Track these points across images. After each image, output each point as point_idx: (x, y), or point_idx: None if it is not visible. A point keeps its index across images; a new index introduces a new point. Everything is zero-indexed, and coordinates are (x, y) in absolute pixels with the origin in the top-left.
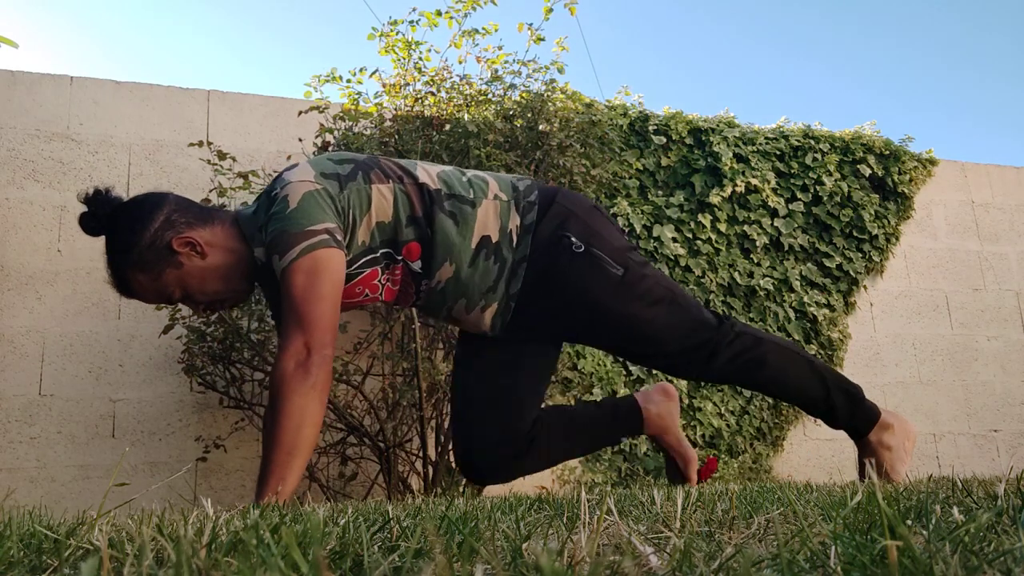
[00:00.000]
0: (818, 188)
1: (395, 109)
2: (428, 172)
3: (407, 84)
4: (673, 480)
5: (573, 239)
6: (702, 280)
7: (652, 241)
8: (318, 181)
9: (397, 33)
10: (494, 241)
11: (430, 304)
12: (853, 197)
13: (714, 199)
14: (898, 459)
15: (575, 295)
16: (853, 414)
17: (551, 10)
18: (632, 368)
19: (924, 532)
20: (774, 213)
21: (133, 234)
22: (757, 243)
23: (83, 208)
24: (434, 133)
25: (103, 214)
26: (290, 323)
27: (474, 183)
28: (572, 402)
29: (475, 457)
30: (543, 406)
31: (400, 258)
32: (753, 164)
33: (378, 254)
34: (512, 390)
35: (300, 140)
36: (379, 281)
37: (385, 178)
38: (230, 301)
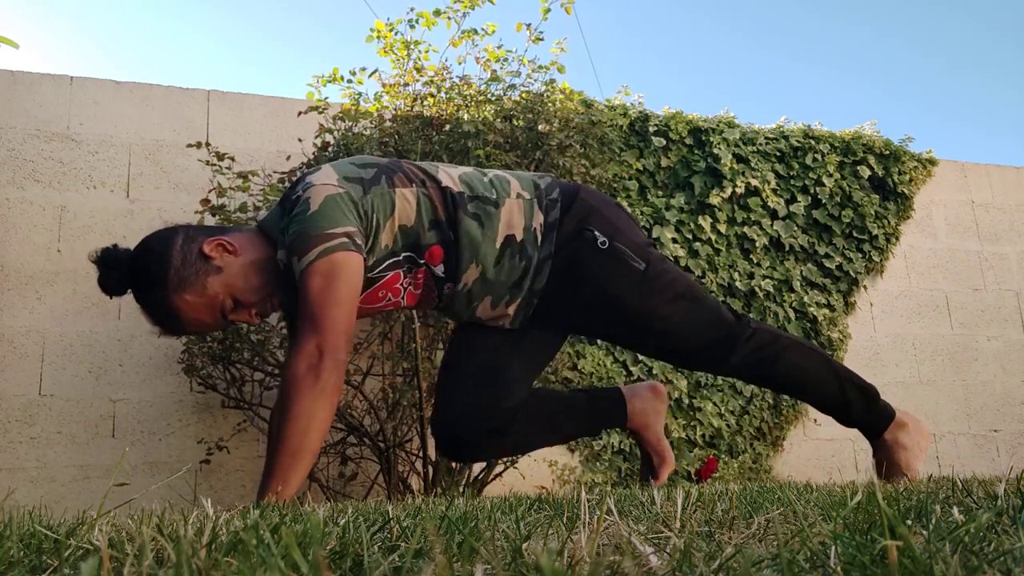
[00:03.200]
0: (818, 188)
1: (395, 109)
2: (450, 175)
3: (406, 84)
4: (644, 477)
5: (597, 234)
6: (702, 281)
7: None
8: (341, 184)
9: (395, 34)
10: (519, 240)
11: (454, 305)
12: (853, 197)
13: (714, 200)
14: (914, 457)
15: (597, 289)
16: (868, 412)
17: (549, 9)
18: (632, 368)
19: (924, 532)
20: (774, 214)
21: (162, 261)
22: (757, 244)
23: (96, 271)
24: (434, 133)
25: (123, 264)
26: (304, 325)
27: (496, 183)
28: None
29: (455, 431)
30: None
31: (422, 262)
32: (753, 165)
33: (400, 257)
34: (505, 370)
35: (300, 140)
36: (401, 285)
37: (408, 182)
38: (278, 296)
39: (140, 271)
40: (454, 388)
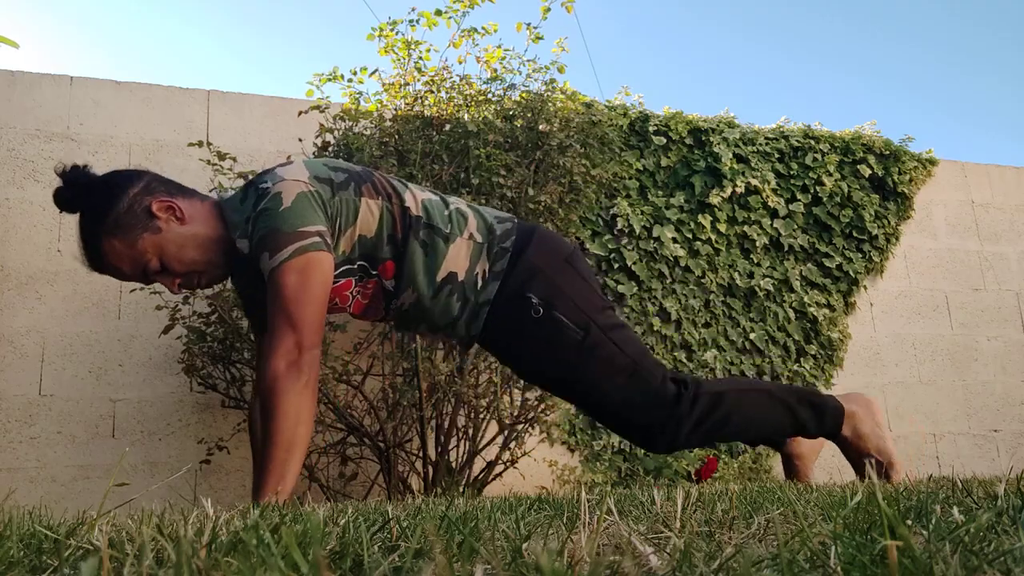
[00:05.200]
0: (818, 188)
1: (395, 109)
2: (415, 197)
3: (407, 84)
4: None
5: (535, 300)
6: (702, 280)
7: (652, 242)
8: (311, 183)
9: (396, 33)
10: (460, 280)
11: (401, 321)
12: (853, 197)
13: (714, 199)
14: (879, 439)
15: (537, 353)
16: (822, 421)
17: (549, 9)
18: None
19: (924, 532)
20: (774, 213)
21: (111, 199)
22: (757, 243)
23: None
24: (434, 133)
25: (80, 185)
26: (280, 323)
27: (454, 218)
28: None
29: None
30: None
31: (375, 273)
32: (753, 164)
33: (355, 266)
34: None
35: (300, 140)
36: (351, 292)
37: (375, 194)
38: (207, 276)
39: (88, 199)
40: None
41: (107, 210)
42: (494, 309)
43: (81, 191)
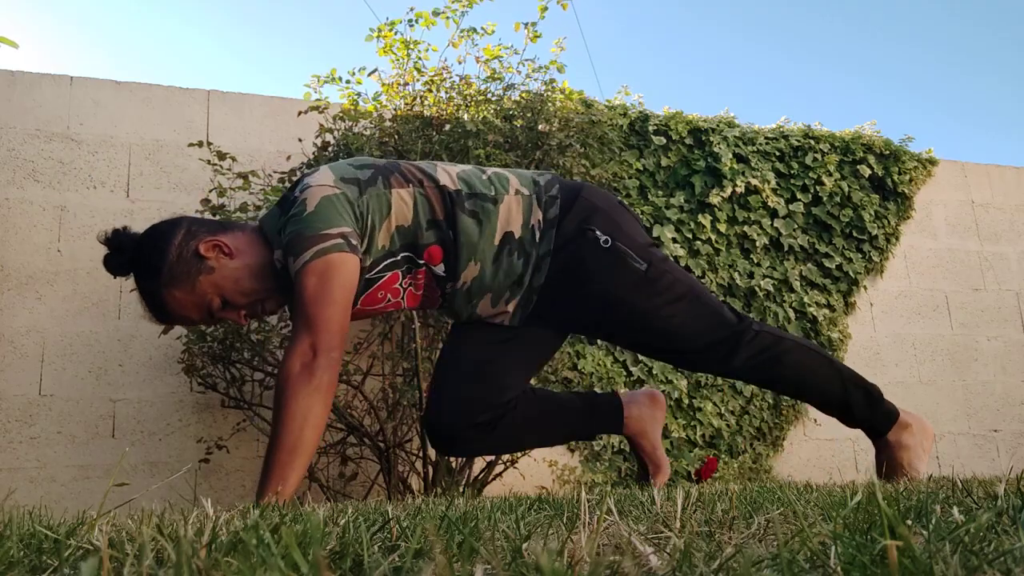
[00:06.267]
0: (818, 188)
1: (394, 109)
2: (448, 173)
3: (406, 84)
4: (641, 480)
5: (599, 233)
6: (702, 280)
7: None
8: (337, 185)
9: (395, 33)
10: (517, 236)
11: (455, 304)
12: (853, 197)
13: (714, 199)
14: (916, 457)
15: (599, 289)
16: (871, 412)
17: (546, 8)
18: (632, 368)
19: (924, 532)
20: (774, 213)
21: (159, 254)
22: (757, 243)
23: (104, 249)
24: (434, 133)
25: (127, 249)
26: (299, 324)
27: (495, 180)
28: None
29: (443, 421)
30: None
31: (422, 262)
32: (753, 164)
33: (399, 258)
34: (499, 364)
35: (300, 140)
36: (400, 285)
37: (405, 182)
38: (271, 301)
39: (140, 260)
40: (445, 381)
41: (159, 265)
42: (556, 256)
43: (129, 256)
